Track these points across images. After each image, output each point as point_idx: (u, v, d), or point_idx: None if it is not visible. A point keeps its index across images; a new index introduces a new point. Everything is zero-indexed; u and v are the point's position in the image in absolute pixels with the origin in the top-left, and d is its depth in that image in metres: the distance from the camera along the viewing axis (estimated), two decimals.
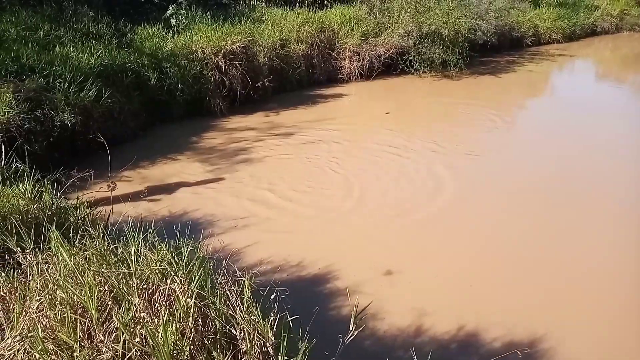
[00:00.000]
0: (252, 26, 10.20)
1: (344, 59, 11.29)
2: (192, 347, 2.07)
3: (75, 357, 2.04)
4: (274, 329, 2.23)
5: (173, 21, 9.36)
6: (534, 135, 8.10)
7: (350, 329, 2.24)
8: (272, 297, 2.47)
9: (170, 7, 9.49)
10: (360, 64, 11.29)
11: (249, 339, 2.13)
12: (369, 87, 11.19)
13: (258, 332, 2.19)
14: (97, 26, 8.83)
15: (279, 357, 2.09)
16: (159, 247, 2.52)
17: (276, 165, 6.79)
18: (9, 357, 2.15)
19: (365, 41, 11.38)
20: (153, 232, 2.83)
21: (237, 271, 2.55)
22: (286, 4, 12.08)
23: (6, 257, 2.75)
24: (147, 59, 8.33)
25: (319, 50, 10.95)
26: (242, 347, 2.13)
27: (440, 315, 3.75)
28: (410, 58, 11.53)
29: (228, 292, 2.35)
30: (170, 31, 9.32)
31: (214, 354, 2.07)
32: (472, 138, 7.79)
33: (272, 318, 2.29)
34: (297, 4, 12.10)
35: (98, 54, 7.68)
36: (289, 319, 2.43)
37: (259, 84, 9.27)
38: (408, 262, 4.43)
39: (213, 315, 2.21)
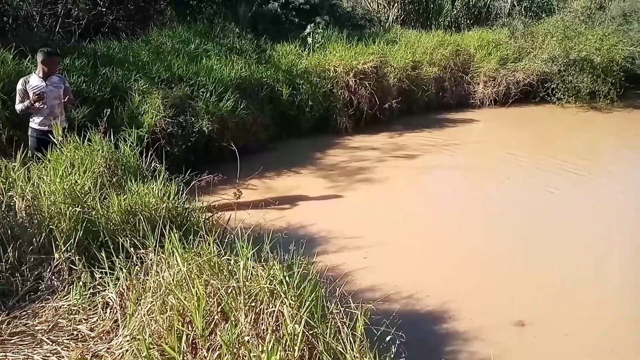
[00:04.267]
0: (385, 47, 10.16)
1: (478, 84, 10.78)
2: None
3: None
4: None
5: (310, 40, 9.67)
6: None
7: None
8: (387, 339, 2.25)
9: (309, 27, 9.82)
10: (495, 89, 10.69)
11: None
12: (503, 114, 10.52)
13: None
14: (241, 42, 9.43)
15: None
16: (271, 263, 2.43)
17: (396, 187, 6.59)
18: (119, 355, 2.15)
19: (503, 66, 10.78)
20: (267, 244, 2.75)
21: (351, 302, 2.35)
22: (422, 26, 11.88)
23: (131, 252, 2.80)
24: (282, 75, 8.66)
25: (451, 73, 10.59)
26: None
27: None
28: (552, 86, 10.65)
29: (339, 324, 2.18)
30: (306, 49, 9.63)
31: None
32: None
33: None
34: (433, 26, 11.84)
35: (238, 67, 8.17)
36: None
37: (386, 104, 9.18)
38: (536, 313, 3.94)
39: (321, 348, 2.05)
